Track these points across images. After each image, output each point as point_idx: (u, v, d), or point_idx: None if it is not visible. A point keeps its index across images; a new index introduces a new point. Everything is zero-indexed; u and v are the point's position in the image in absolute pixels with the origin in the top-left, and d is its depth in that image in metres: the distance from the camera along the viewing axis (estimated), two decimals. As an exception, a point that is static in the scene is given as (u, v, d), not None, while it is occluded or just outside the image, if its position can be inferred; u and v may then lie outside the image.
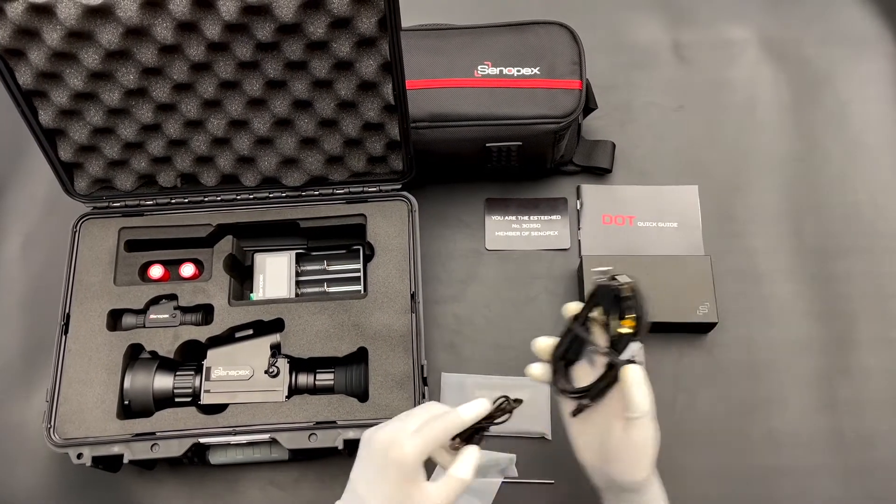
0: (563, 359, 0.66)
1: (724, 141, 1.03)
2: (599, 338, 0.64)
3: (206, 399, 0.80)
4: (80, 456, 0.77)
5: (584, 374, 0.67)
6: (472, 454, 0.62)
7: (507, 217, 0.99)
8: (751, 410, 0.88)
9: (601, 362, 0.63)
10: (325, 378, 0.81)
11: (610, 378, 0.61)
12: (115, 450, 0.77)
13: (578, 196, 1.00)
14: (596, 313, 0.64)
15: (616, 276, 0.60)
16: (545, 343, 0.67)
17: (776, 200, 0.99)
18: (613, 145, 1.01)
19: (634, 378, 0.61)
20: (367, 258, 0.88)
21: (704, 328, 0.90)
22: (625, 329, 0.59)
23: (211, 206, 0.89)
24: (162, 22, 0.74)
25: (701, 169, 1.01)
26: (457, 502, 0.63)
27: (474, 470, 0.62)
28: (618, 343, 0.61)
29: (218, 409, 0.80)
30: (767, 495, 0.84)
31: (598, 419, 0.65)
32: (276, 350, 0.82)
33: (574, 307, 0.66)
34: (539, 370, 0.68)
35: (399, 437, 0.59)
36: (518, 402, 0.64)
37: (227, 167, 0.88)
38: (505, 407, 0.64)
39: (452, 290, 0.95)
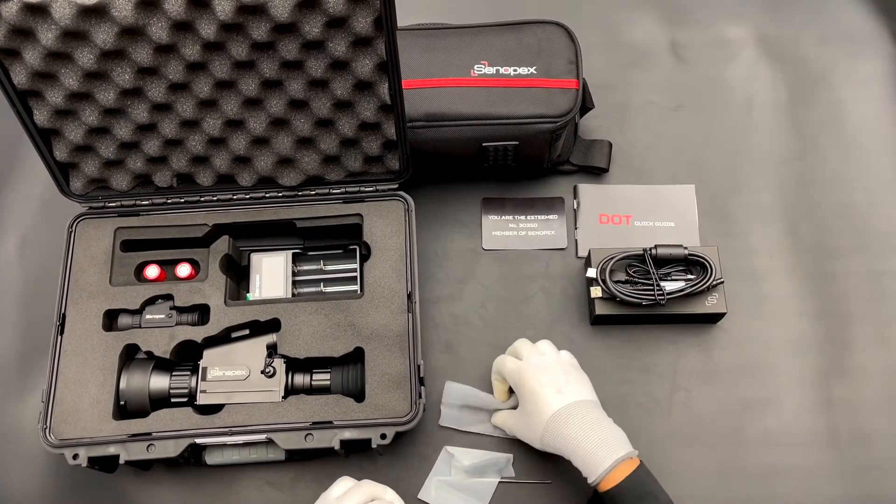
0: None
1: (721, 140, 1.03)
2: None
3: (202, 399, 0.80)
4: (75, 457, 0.77)
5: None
6: None
7: (503, 217, 0.98)
8: (747, 409, 0.88)
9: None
10: (321, 378, 0.81)
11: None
12: (111, 450, 0.77)
13: (575, 195, 1.00)
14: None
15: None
16: None
17: (773, 200, 0.99)
18: (610, 145, 1.01)
19: None
20: (364, 258, 0.87)
21: (714, 318, 0.90)
22: None
23: (207, 206, 0.89)
24: (157, 21, 0.74)
25: (698, 168, 1.01)
26: (455, 502, 0.63)
27: None
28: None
29: (214, 409, 0.80)
30: (764, 494, 0.84)
31: None
32: (272, 350, 0.82)
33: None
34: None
35: None
36: None
37: (223, 167, 0.88)
38: None
39: (449, 290, 0.95)
